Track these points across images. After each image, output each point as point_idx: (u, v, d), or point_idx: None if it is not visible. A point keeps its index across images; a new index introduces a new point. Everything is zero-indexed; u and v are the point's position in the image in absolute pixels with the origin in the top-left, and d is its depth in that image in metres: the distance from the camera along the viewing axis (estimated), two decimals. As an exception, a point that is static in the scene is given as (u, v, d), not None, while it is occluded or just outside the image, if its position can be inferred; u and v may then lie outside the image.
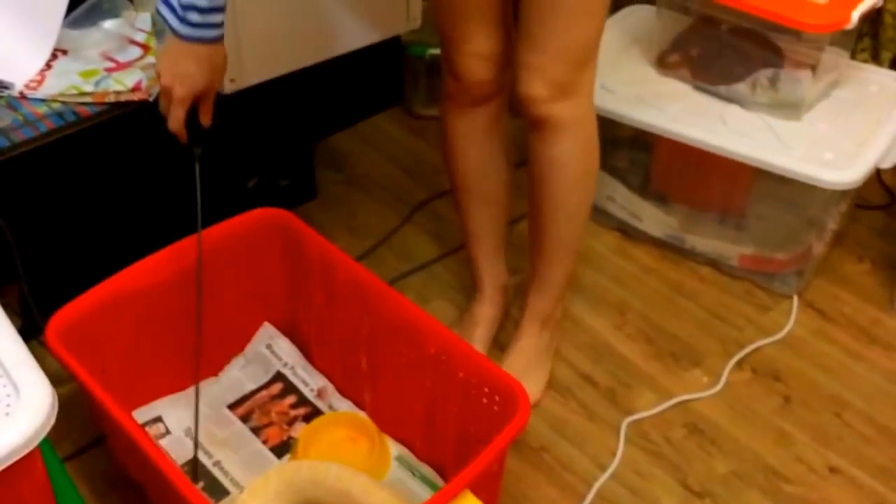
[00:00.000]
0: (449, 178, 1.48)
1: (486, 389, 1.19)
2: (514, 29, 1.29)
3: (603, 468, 1.37)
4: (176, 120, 1.18)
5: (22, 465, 0.77)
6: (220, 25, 1.11)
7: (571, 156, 1.31)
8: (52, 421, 0.79)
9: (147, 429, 1.35)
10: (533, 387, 1.44)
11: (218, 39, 1.13)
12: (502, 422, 1.12)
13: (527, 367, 1.45)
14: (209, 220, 1.37)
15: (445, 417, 1.28)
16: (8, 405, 0.79)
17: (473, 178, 1.44)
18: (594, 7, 1.21)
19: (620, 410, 1.45)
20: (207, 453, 1.35)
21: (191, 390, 1.42)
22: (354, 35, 1.52)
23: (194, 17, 1.08)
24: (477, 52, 1.30)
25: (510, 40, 1.31)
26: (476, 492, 1.06)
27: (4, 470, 0.76)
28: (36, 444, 0.77)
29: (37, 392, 0.80)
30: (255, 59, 1.40)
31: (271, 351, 1.49)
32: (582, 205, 1.38)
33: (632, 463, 1.38)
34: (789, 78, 1.59)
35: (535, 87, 1.25)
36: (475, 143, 1.41)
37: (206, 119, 1.21)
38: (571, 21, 1.20)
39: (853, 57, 1.76)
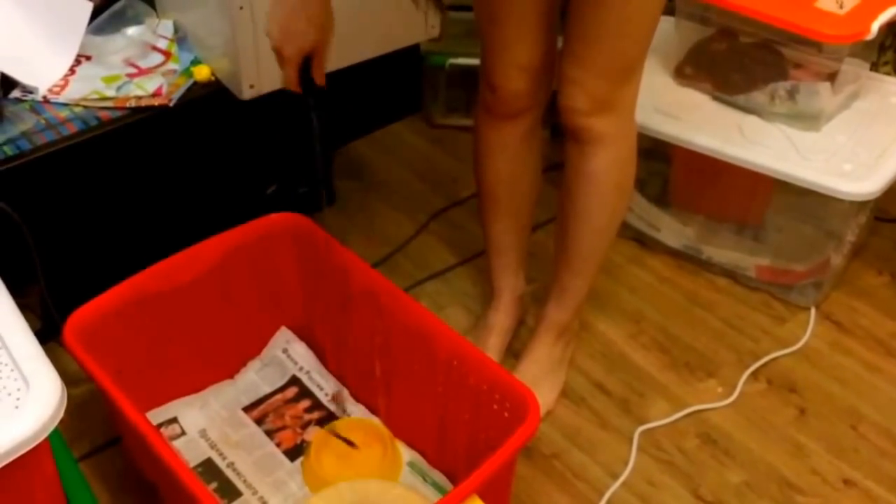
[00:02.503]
0: (477, 187, 1.48)
1: (497, 396, 1.19)
2: (557, 42, 1.28)
3: (614, 476, 1.36)
4: (289, 80, 1.15)
5: (31, 457, 0.78)
6: None
7: (607, 171, 1.31)
8: (61, 414, 0.81)
9: (162, 430, 1.37)
10: (546, 396, 1.44)
11: None
12: (513, 428, 1.12)
13: (540, 375, 1.45)
14: (228, 227, 1.39)
15: (457, 423, 1.28)
16: (18, 398, 0.81)
17: (502, 189, 1.44)
18: (641, 25, 1.20)
19: (633, 419, 1.45)
20: (221, 454, 1.36)
21: (206, 392, 1.44)
22: (373, 43, 1.53)
23: None
24: (518, 62, 1.29)
25: (551, 53, 1.31)
26: (485, 497, 1.06)
27: (15, 461, 0.77)
28: (45, 436, 0.79)
29: (46, 386, 0.82)
30: (274, 66, 1.40)
31: (287, 355, 1.50)
32: (612, 220, 1.38)
33: (644, 472, 1.37)
34: (808, 89, 1.59)
35: (578, 100, 1.25)
36: (507, 155, 1.40)
37: (319, 78, 1.16)
38: (618, 38, 1.20)
39: (875, 69, 1.75)
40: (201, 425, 1.39)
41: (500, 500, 1.20)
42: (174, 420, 1.39)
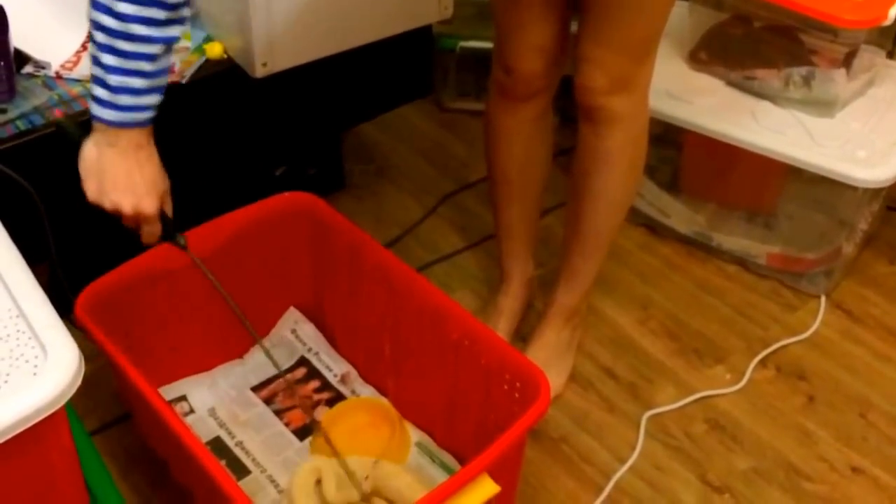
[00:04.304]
0: (488, 171, 1.47)
1: (508, 376, 1.19)
2: (573, 21, 1.28)
3: (622, 461, 1.36)
4: (155, 235, 1.11)
5: (49, 425, 0.79)
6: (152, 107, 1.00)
7: (622, 150, 1.31)
8: (79, 381, 0.81)
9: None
10: (555, 379, 1.44)
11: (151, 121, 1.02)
12: (523, 408, 1.12)
13: (549, 359, 1.45)
14: (236, 207, 1.38)
15: (467, 404, 1.28)
16: (36, 366, 0.81)
17: (514, 173, 1.44)
18: (660, 1, 1.20)
19: (641, 404, 1.45)
20: (230, 433, 1.36)
21: (215, 371, 1.44)
22: (385, 23, 1.52)
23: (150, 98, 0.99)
24: (534, 43, 1.28)
25: (565, 33, 1.30)
26: (495, 478, 1.06)
27: (32, 428, 0.78)
28: (63, 403, 0.79)
29: (64, 354, 0.82)
30: (287, 44, 1.41)
31: (296, 335, 1.50)
32: (625, 199, 1.38)
33: (651, 456, 1.37)
34: (823, 76, 1.58)
35: (596, 79, 1.24)
36: (519, 139, 1.40)
37: (168, 208, 1.13)
38: (637, 15, 1.19)
39: (891, 57, 1.74)
40: (210, 404, 1.39)
41: (510, 480, 1.20)
42: (183, 398, 1.39)
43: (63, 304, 1.35)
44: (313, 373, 1.45)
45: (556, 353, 1.47)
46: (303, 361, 1.47)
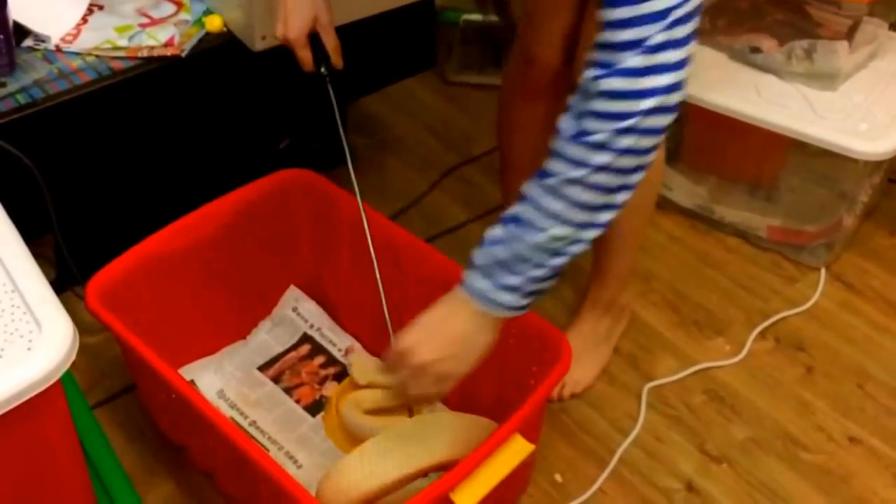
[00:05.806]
0: (500, 158, 1.46)
1: (526, 338, 1.20)
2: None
3: (621, 431, 1.37)
4: (305, 63, 1.20)
5: (44, 399, 0.80)
6: None
7: None
8: (73, 356, 0.81)
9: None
10: (587, 371, 1.43)
11: None
12: (543, 368, 1.13)
13: (581, 350, 1.42)
14: (239, 182, 1.39)
15: (482, 368, 1.27)
16: (30, 340, 0.82)
17: (527, 162, 1.42)
18: None
19: (641, 376, 1.45)
20: (242, 413, 1.36)
21: (221, 354, 1.43)
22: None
23: None
24: (558, 32, 1.26)
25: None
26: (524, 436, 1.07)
27: (26, 402, 0.79)
28: (57, 377, 0.79)
29: (59, 329, 0.82)
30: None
31: (297, 313, 1.50)
32: (639, 203, 1.34)
33: (651, 427, 1.38)
34: (825, 48, 1.57)
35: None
36: (534, 132, 1.38)
37: (331, 50, 1.20)
38: None
39: (894, 30, 1.73)
40: (218, 386, 1.38)
41: (533, 440, 1.19)
42: (191, 383, 1.38)
43: (68, 276, 1.37)
44: (318, 349, 1.46)
45: (591, 343, 1.45)
46: (306, 338, 1.47)
